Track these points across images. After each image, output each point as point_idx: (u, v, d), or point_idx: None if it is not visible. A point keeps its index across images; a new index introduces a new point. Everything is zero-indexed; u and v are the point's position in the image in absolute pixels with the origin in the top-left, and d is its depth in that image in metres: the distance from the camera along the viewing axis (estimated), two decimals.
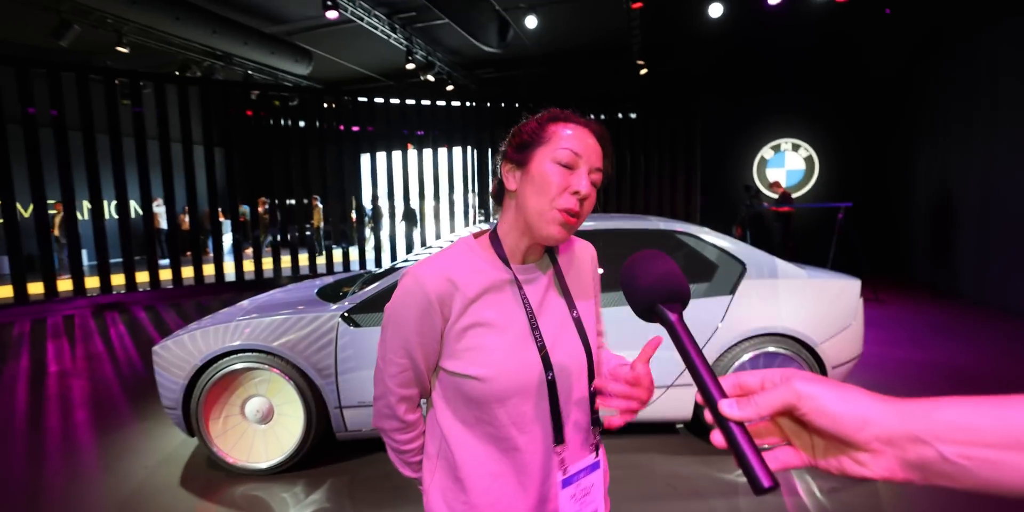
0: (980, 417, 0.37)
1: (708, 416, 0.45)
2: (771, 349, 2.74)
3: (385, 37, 9.26)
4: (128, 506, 2.37)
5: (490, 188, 0.93)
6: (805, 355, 2.76)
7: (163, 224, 10.01)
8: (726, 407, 0.44)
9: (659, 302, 0.57)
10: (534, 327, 0.82)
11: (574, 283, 0.91)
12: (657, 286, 0.58)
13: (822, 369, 2.78)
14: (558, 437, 0.82)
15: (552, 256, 0.91)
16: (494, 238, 0.88)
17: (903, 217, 8.73)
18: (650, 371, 0.80)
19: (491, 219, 10.01)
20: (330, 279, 3.60)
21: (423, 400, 0.92)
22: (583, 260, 0.95)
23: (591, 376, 0.86)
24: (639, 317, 0.60)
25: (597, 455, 0.88)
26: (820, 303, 2.83)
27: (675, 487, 2.44)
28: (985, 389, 3.51)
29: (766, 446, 0.44)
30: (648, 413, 2.72)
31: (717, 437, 0.44)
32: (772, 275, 2.85)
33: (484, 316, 0.82)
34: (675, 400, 2.72)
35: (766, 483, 0.40)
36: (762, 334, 2.75)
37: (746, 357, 2.73)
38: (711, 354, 2.70)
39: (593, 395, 0.87)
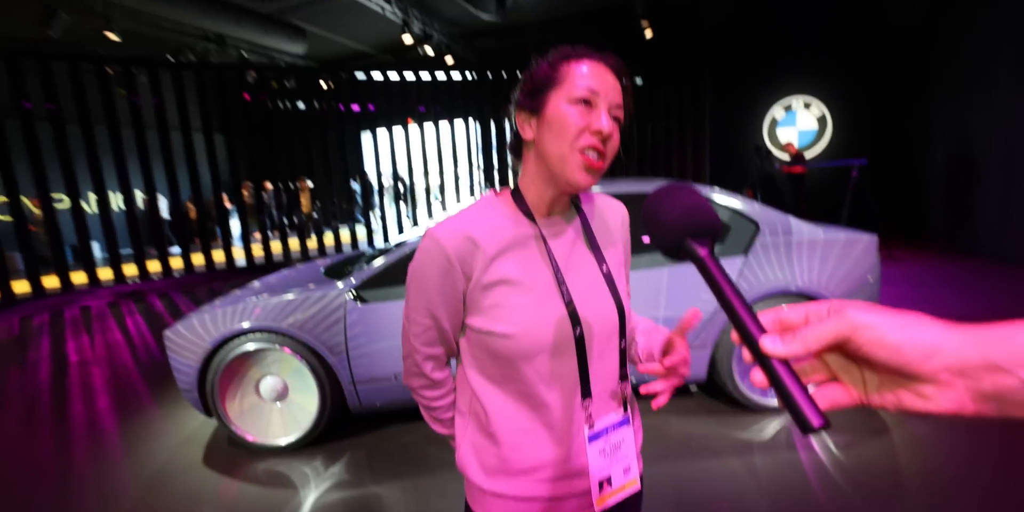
0: None
1: (746, 355, 0.41)
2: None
3: (380, 10, 9.01)
4: (154, 485, 2.43)
5: (508, 142, 0.89)
6: None
7: (164, 214, 9.97)
8: (769, 344, 0.39)
9: (688, 237, 0.51)
10: (560, 281, 0.80)
11: (601, 238, 0.88)
12: (685, 219, 0.52)
13: None
14: (585, 391, 0.81)
15: (578, 208, 0.88)
16: (516, 192, 0.84)
17: (920, 173, 8.48)
18: (686, 343, 0.79)
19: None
20: (337, 258, 3.59)
21: (452, 359, 0.91)
22: (611, 218, 0.91)
23: (623, 332, 0.84)
24: (665, 255, 0.55)
25: (626, 411, 0.87)
26: (836, 261, 2.75)
27: (690, 447, 2.44)
28: None
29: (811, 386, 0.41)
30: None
31: (758, 376, 0.40)
32: (786, 234, 2.77)
33: (508, 273, 0.79)
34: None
35: (816, 423, 0.37)
36: (776, 294, 2.69)
37: None
38: (722, 315, 2.66)
39: (623, 351, 0.85)
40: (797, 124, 9.64)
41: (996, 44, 6.40)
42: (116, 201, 10.72)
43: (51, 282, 6.83)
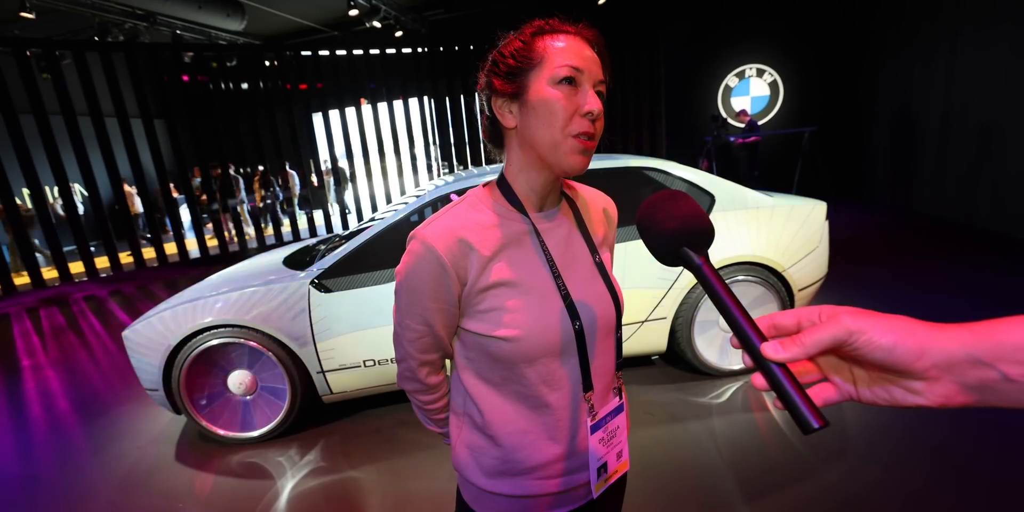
0: None
1: (746, 359, 0.44)
2: (740, 277, 2.81)
3: None
4: (126, 485, 2.40)
5: (480, 130, 0.83)
6: (773, 280, 2.84)
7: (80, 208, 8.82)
8: (770, 350, 0.42)
9: (685, 245, 0.53)
10: (556, 275, 0.78)
11: (591, 228, 0.87)
12: (683, 229, 0.53)
13: (789, 292, 2.88)
14: (587, 385, 0.81)
15: (568, 199, 0.85)
16: (503, 184, 0.80)
17: (866, 137, 8.82)
18: None
19: (455, 171, 9.81)
20: (296, 246, 3.52)
21: (447, 361, 0.90)
22: (597, 210, 0.90)
23: (619, 322, 0.84)
24: (661, 262, 0.56)
25: (621, 398, 0.88)
26: (787, 229, 2.87)
27: (653, 414, 2.57)
28: (941, 298, 3.70)
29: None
30: (625, 348, 2.81)
31: (759, 380, 0.43)
32: (740, 205, 2.87)
33: (505, 275, 0.76)
34: (650, 334, 2.80)
35: (816, 424, 0.39)
36: (732, 263, 2.80)
37: None
38: (682, 288, 2.76)
39: (619, 340, 0.86)
40: (750, 91, 9.81)
41: (936, 9, 6.61)
42: (52, 194, 10.11)
43: None
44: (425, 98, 9.75)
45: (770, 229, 2.85)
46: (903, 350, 0.39)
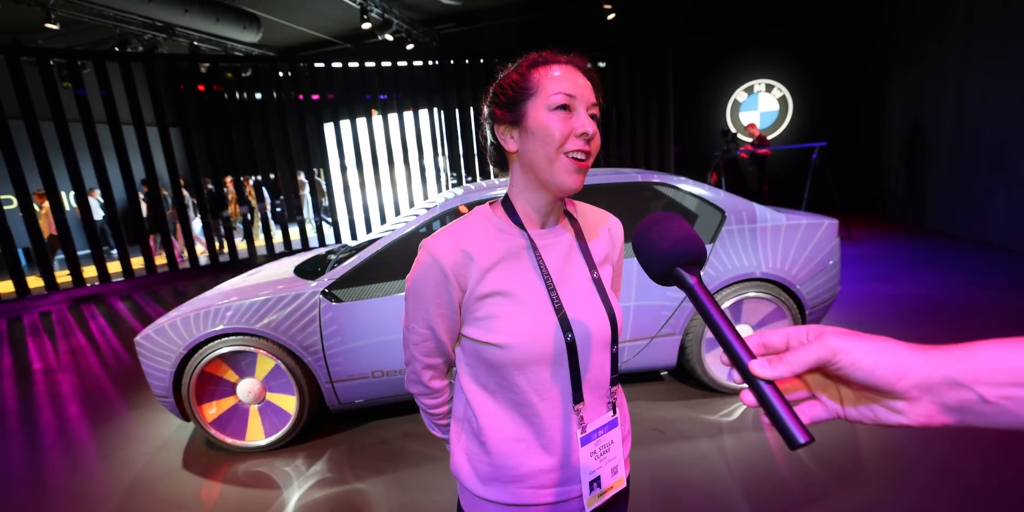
0: (1019, 358, 0.37)
1: (736, 376, 0.45)
2: (751, 294, 2.80)
3: None
4: (133, 491, 2.40)
5: (488, 155, 0.89)
6: (784, 298, 2.83)
7: (97, 215, 8.95)
8: (758, 368, 0.43)
9: (678, 266, 0.55)
10: (550, 288, 0.81)
11: (594, 248, 0.90)
12: (676, 249, 0.56)
13: (801, 310, 2.86)
14: (577, 397, 0.83)
15: (571, 217, 0.90)
16: (507, 203, 0.86)
17: (876, 154, 8.80)
18: None
19: (463, 182, 9.87)
20: (307, 255, 3.54)
21: (452, 369, 0.93)
22: (597, 227, 0.93)
23: (614, 337, 0.86)
24: (655, 282, 0.58)
25: (615, 413, 0.89)
26: (799, 246, 2.86)
27: (662, 431, 2.54)
28: (955, 317, 3.66)
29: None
30: (634, 363, 2.79)
31: (748, 397, 0.44)
32: (751, 221, 2.87)
33: (501, 285, 0.81)
34: (659, 350, 2.79)
35: (803, 439, 0.40)
36: (743, 280, 2.79)
37: (727, 304, 2.79)
38: (689, 305, 2.74)
39: (615, 355, 0.87)
40: (759, 106, 9.83)
41: (946, 22, 6.62)
42: (68, 201, 10.25)
43: (5, 287, 6.55)
44: (435, 109, 9.85)
45: (782, 246, 2.84)
46: (884, 371, 0.40)
